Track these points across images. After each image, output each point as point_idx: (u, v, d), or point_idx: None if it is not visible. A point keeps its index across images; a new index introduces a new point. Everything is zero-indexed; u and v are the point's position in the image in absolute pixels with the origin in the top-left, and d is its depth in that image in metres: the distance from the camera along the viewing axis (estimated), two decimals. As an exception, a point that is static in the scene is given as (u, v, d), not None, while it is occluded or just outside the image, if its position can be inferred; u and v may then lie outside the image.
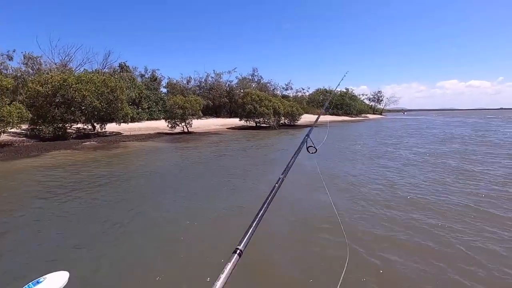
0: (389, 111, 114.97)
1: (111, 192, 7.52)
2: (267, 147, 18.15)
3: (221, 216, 5.76)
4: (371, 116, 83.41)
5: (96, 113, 21.17)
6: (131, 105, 30.94)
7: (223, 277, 0.81)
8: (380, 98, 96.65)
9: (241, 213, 5.86)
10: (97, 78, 21.70)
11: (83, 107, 20.67)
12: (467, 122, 44.42)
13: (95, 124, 23.46)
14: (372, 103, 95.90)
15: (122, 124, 24.22)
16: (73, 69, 32.96)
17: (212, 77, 52.37)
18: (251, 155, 14.34)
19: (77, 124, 23.02)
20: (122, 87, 22.90)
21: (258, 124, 35.21)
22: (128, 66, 39.19)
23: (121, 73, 35.56)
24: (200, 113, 29.14)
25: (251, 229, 1.03)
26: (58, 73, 23.90)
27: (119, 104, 22.30)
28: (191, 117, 28.04)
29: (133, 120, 29.60)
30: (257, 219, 1.08)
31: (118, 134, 24.26)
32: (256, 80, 58.93)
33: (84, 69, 32.26)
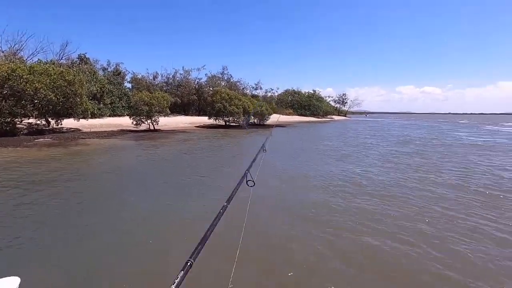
0: (352, 113, 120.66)
1: (69, 192, 6.96)
2: (237, 145, 18.08)
3: (184, 219, 5.60)
4: (336, 117, 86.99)
5: (51, 107, 19.51)
6: (91, 100, 29.03)
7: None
8: (345, 101, 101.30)
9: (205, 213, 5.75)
10: (53, 70, 19.99)
11: (36, 101, 18.92)
12: (422, 125, 47.98)
13: (49, 119, 21.62)
14: (338, 105, 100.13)
15: (81, 120, 22.63)
16: (25, 59, 30.07)
17: (180, 74, 51.07)
18: (221, 154, 14.17)
19: (28, 118, 21.05)
20: (81, 81, 21.38)
21: (227, 123, 34.98)
22: (89, 58, 36.71)
23: (80, 65, 33.14)
24: (168, 110, 28.21)
25: (201, 244, 1.11)
26: (6, 62, 21.64)
27: (78, 99, 20.78)
28: (157, 114, 27.01)
29: (94, 116, 27.80)
30: (206, 237, 1.19)
31: (76, 130, 22.63)
32: (225, 78, 58.52)
33: (38, 59, 29.54)
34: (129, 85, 44.63)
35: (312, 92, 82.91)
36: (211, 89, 47.06)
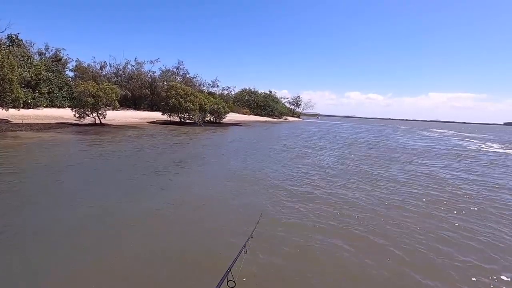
0: (305, 115, 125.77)
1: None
2: (193, 143, 17.52)
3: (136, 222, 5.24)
4: (290, 118, 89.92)
5: (-29, 93, 16.69)
6: (24, 87, 25.61)
7: None
8: (299, 103, 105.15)
9: (159, 218, 5.47)
10: (-25, 49, 17.13)
11: (-49, 85, 16.02)
12: (368, 129, 52.08)
13: (-32, 107, 18.52)
14: (292, 107, 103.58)
15: (11, 109, 19.80)
16: None
17: (132, 66, 47.76)
18: (176, 152, 13.58)
19: None
20: (12, 64, 18.69)
21: (182, 120, 33.79)
22: (22, 40, 32.18)
23: (11, 47, 28.91)
24: (117, 103, 26.21)
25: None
26: None
27: (7, 85, 18.13)
28: (105, 107, 24.92)
29: (27, 106, 24.71)
30: None
31: (4, 121, 19.73)
32: (181, 73, 56.44)
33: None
34: (71, 74, 40.35)
35: (268, 92, 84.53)
36: (166, 83, 44.92)
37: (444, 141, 30.29)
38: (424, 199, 7.26)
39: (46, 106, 28.86)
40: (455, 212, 6.40)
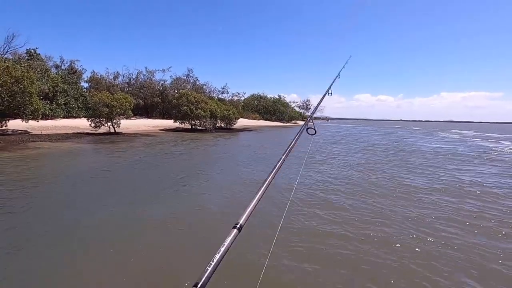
0: (315, 118, 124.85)
1: (24, 201, 6.22)
2: (206, 150, 17.70)
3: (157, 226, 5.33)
4: (300, 122, 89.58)
5: (-6, 106, 17.43)
6: (43, 99, 26.55)
7: (222, 250, 0.83)
8: (309, 106, 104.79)
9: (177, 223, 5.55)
10: (-3, 64, 17.94)
11: (-25, 99, 16.79)
12: (381, 131, 49.93)
13: (-8, 120, 19.32)
14: (302, 111, 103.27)
15: (30, 121, 20.54)
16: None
17: (144, 75, 48.91)
18: (192, 159, 13.75)
19: (-36, 119, 18.65)
20: (31, 78, 19.44)
21: (193, 127, 34.22)
22: (39, 54, 33.52)
23: (29, 61, 30.14)
24: (130, 112, 26.83)
25: (251, 205, 1.04)
26: None
27: (27, 98, 18.85)
28: (119, 116, 25.55)
29: (45, 117, 25.53)
30: (258, 196, 1.09)
31: (24, 132, 20.48)
32: (191, 81, 57.32)
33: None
34: (86, 85, 41.62)
35: (277, 97, 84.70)
36: (176, 91, 45.75)
37: (468, 142, 27.78)
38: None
39: (63, 117, 29.81)
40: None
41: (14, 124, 20.48)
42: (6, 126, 19.46)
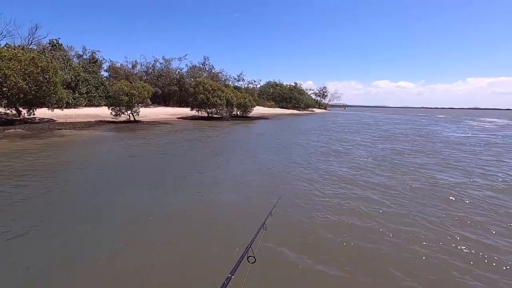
0: (332, 106, 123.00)
1: (60, 186, 6.58)
2: (226, 137, 17.86)
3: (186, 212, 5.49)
4: (317, 110, 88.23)
5: (22, 96, 18.20)
6: (66, 88, 27.44)
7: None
8: (325, 94, 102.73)
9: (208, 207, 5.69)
10: (23, 55, 18.60)
11: (5, 88, 17.58)
12: (403, 119, 47.23)
13: (20, 108, 20.25)
14: (318, 98, 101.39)
15: (55, 110, 21.38)
16: (-11, 43, 27.71)
17: (161, 63, 49.41)
18: (211, 146, 13.93)
19: (-4, 108, 19.65)
20: (55, 68, 20.09)
21: (210, 115, 34.47)
22: (62, 45, 34.44)
23: (52, 51, 31.07)
24: (149, 101, 27.32)
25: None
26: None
27: (52, 87, 19.55)
28: (138, 105, 26.10)
29: (68, 105, 26.43)
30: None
31: (50, 121, 21.38)
32: (207, 69, 57.36)
33: (7, 43, 27.29)
34: (106, 74, 42.61)
35: (293, 84, 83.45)
36: (192, 79, 46.04)
37: (505, 132, 24.87)
38: None
39: (85, 106, 30.81)
40: None
41: (41, 112, 21.40)
42: (34, 114, 20.36)
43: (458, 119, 53.45)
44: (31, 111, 20.07)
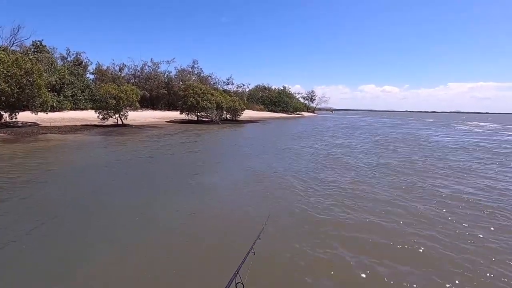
0: (320, 109, 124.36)
1: (44, 193, 6.31)
2: (216, 141, 17.72)
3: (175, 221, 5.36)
4: (305, 113, 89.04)
5: (4, 99, 17.52)
6: (50, 91, 26.62)
7: None
8: (313, 97, 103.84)
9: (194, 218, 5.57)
10: (6, 57, 17.94)
11: (-15, 91, 16.88)
12: (392, 123, 47.21)
13: (1, 112, 19.47)
14: (306, 102, 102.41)
15: (39, 113, 20.67)
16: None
17: (149, 66, 48.76)
18: (204, 150, 13.76)
19: (-25, 111, 18.84)
20: (40, 70, 19.46)
21: (199, 118, 34.19)
22: (45, 46, 33.46)
23: (36, 53, 30.12)
24: (137, 104, 26.85)
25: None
26: None
27: (36, 90, 18.90)
28: (126, 108, 25.60)
29: (53, 109, 25.60)
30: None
31: (34, 124, 20.66)
32: (196, 72, 57.01)
33: (-14, 44, 26.26)
34: (91, 77, 41.61)
35: (282, 88, 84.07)
36: (181, 83, 45.64)
37: (497, 136, 24.72)
38: None
39: (71, 109, 29.94)
40: None
41: (24, 116, 20.65)
42: (16, 118, 19.63)
43: (447, 123, 52.74)
44: (13, 114, 19.34)
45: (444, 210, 5.89)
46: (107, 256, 3.87)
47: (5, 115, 19.52)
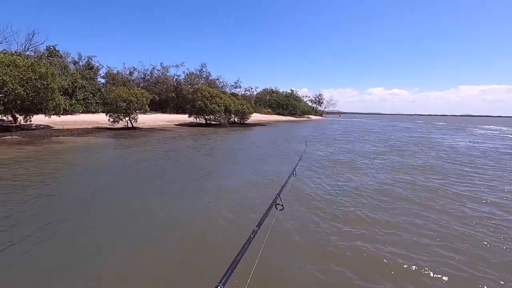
0: (327, 113, 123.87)
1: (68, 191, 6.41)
2: (226, 144, 17.76)
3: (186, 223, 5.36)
4: (313, 117, 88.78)
5: (19, 102, 17.95)
6: (63, 95, 27.19)
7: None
8: (321, 101, 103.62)
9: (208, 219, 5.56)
10: (21, 61, 18.41)
11: (1, 95, 17.32)
12: (402, 127, 45.02)
13: (17, 115, 19.96)
14: (314, 105, 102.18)
15: (52, 116, 21.09)
16: (-15, 49, 27.46)
17: (158, 70, 49.36)
18: (212, 153, 13.81)
19: (-8, 114, 19.36)
20: (54, 74, 19.89)
21: (208, 121, 34.39)
22: (59, 51, 34.27)
23: (49, 58, 30.86)
24: (147, 107, 27.15)
25: (230, 269, 1.15)
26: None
27: (50, 94, 19.32)
28: (136, 111, 25.93)
29: (66, 112, 26.13)
30: (236, 261, 1.23)
31: (47, 127, 21.08)
32: (204, 76, 57.47)
33: (3, 49, 27.05)
34: (102, 80, 42.38)
35: (290, 91, 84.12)
36: (189, 86, 46.10)
37: None
38: None
39: (82, 112, 30.51)
40: None
41: (37, 119, 21.10)
42: (30, 121, 20.06)
43: (462, 127, 48.91)
44: (27, 117, 19.78)
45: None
46: (122, 253, 3.90)
47: (20, 118, 19.98)
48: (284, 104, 76.69)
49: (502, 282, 3.49)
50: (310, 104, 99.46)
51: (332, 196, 6.82)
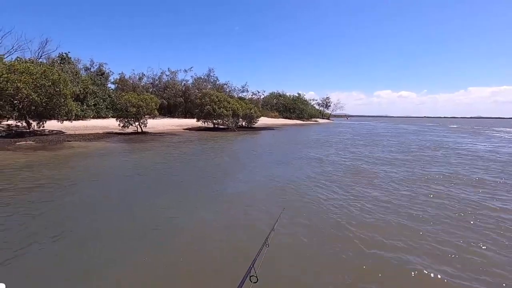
0: (335, 116, 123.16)
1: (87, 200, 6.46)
2: (234, 148, 17.77)
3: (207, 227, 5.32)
4: (320, 120, 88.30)
5: (33, 108, 18.35)
6: (74, 101, 27.72)
7: None
8: (328, 104, 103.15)
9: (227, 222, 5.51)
10: (35, 68, 18.86)
11: (16, 101, 17.75)
12: (414, 130, 43.47)
13: (30, 121, 20.38)
14: (321, 108, 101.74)
15: (65, 122, 21.51)
16: (3, 57, 28.25)
17: (167, 75, 50.03)
18: (223, 156, 13.82)
19: (6, 120, 19.80)
20: (66, 80, 20.31)
21: (216, 126, 34.54)
22: (70, 58, 35.06)
23: (62, 64, 31.58)
24: (156, 112, 27.44)
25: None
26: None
27: (62, 100, 19.71)
28: (145, 116, 26.22)
29: (77, 117, 26.63)
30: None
31: (59, 133, 21.47)
32: (212, 81, 57.93)
33: (17, 57, 27.83)
34: (112, 86, 43.15)
35: (297, 95, 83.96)
36: (197, 91, 46.50)
37: None
38: None
39: (93, 117, 31.03)
40: None
41: (50, 124, 21.53)
42: (43, 126, 20.47)
43: (476, 129, 46.44)
44: (41, 123, 20.19)
45: None
46: (137, 257, 3.87)
47: (34, 124, 20.40)
48: (291, 107, 76.57)
49: None
50: (317, 107, 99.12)
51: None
